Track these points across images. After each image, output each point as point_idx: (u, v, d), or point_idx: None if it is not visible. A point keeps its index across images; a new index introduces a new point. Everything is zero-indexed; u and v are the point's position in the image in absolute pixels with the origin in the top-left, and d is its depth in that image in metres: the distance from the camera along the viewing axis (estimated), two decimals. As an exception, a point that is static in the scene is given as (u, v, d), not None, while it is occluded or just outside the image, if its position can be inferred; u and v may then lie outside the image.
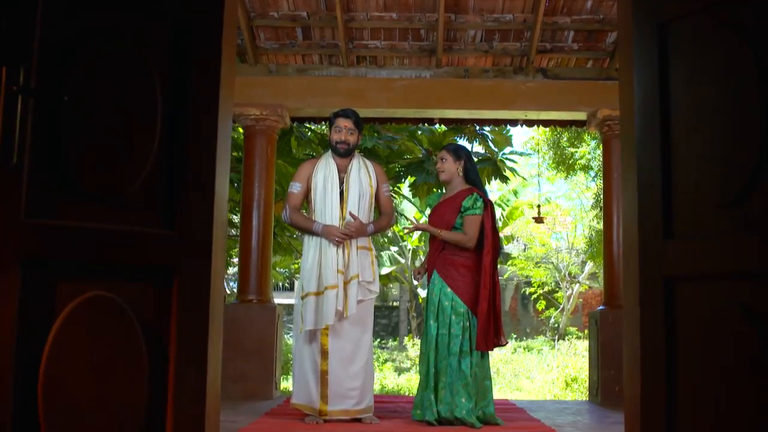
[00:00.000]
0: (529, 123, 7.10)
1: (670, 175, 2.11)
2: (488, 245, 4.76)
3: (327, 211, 4.76)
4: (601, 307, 6.58)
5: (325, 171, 4.84)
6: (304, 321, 4.66)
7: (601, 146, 12.82)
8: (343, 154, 4.84)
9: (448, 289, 4.73)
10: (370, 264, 4.80)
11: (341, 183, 4.81)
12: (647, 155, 2.16)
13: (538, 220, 13.59)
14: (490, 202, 4.94)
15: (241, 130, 7.28)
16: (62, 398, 1.88)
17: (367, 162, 5.01)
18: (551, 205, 20.87)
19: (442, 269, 4.79)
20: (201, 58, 2.22)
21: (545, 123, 7.24)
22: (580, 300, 21.92)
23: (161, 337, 2.08)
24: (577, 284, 20.57)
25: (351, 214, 4.69)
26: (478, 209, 4.77)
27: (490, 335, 4.68)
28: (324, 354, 4.66)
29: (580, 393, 11.92)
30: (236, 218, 8.83)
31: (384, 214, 5.00)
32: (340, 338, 4.68)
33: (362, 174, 4.86)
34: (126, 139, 2.07)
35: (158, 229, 2.10)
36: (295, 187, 4.88)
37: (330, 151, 4.96)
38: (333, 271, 4.64)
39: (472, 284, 4.73)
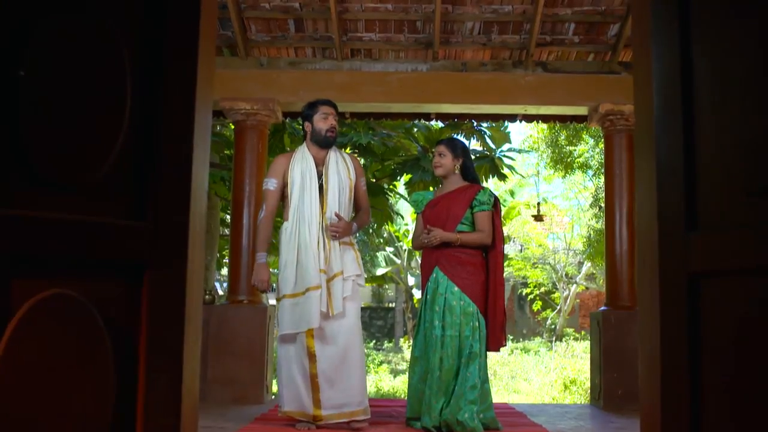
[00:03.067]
0: (529, 118, 6.92)
1: (693, 160, 1.91)
2: (499, 242, 4.65)
3: (306, 206, 4.46)
4: (603, 308, 6.39)
5: (302, 164, 4.54)
6: (280, 324, 4.41)
7: (600, 144, 12.75)
8: (332, 143, 4.60)
9: (456, 288, 4.53)
10: (354, 259, 4.56)
11: (320, 177, 4.54)
12: (667, 137, 1.96)
13: (538, 218, 13.41)
14: (497, 198, 4.79)
15: (232, 126, 7.09)
16: (17, 410, 1.68)
17: (344, 154, 4.76)
18: (548, 205, 20.71)
19: (448, 267, 4.57)
20: (177, 33, 2.02)
21: (545, 118, 7.04)
22: (577, 301, 21.77)
23: (130, 341, 1.88)
24: (574, 285, 20.41)
25: (336, 215, 4.46)
26: (490, 205, 4.63)
27: (503, 334, 4.57)
28: (311, 357, 4.36)
29: (579, 396, 11.74)
30: (230, 218, 8.64)
31: (362, 209, 4.77)
32: (326, 339, 4.41)
33: (341, 166, 4.60)
34: (91, 120, 1.87)
35: (127, 220, 1.89)
36: (271, 184, 4.58)
37: (303, 144, 4.70)
38: (315, 270, 4.35)
39: (480, 283, 4.57)
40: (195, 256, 2.05)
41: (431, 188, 9.17)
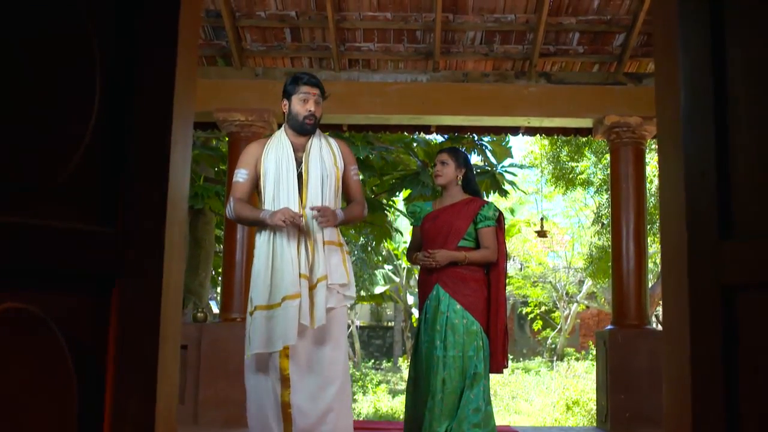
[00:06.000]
0: (532, 131, 6.75)
1: (726, 160, 1.71)
2: (502, 260, 4.43)
3: (282, 200, 3.71)
4: (609, 327, 6.19)
5: (277, 151, 3.79)
6: (251, 343, 3.63)
7: (602, 160, 12.60)
8: (311, 130, 3.83)
9: (458, 306, 4.31)
10: (341, 262, 3.73)
11: (299, 164, 3.78)
12: (697, 136, 1.76)
13: (541, 233, 13.22)
14: (501, 212, 4.58)
15: (226, 139, 6.93)
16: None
17: (330, 138, 3.97)
18: (549, 222, 20.54)
19: (450, 284, 4.34)
20: (154, 21, 1.82)
21: (548, 131, 6.87)
22: (578, 320, 21.56)
23: (97, 361, 1.67)
24: (575, 304, 20.21)
25: (314, 208, 3.65)
26: (494, 220, 4.43)
27: (505, 355, 4.37)
28: (285, 382, 3.57)
29: (582, 417, 11.51)
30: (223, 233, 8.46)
31: (355, 201, 3.97)
32: (304, 360, 3.64)
33: (325, 152, 3.83)
34: (55, 114, 1.67)
35: (94, 226, 1.69)
36: (241, 175, 3.83)
37: (281, 128, 3.95)
38: (293, 276, 3.57)
39: (482, 300, 4.35)
40: (173, 267, 1.85)
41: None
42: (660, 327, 7.25)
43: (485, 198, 8.95)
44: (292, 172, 3.76)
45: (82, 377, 1.63)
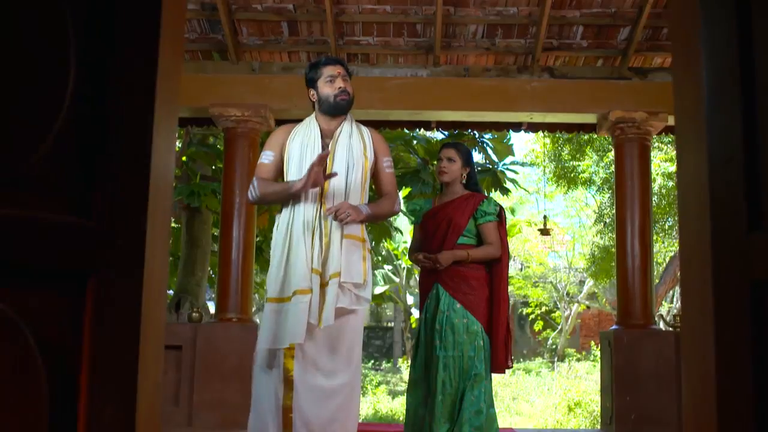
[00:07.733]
0: (534, 127, 6.62)
1: (755, 144, 1.58)
2: (505, 255, 4.32)
3: None
4: (614, 327, 6.06)
5: (303, 136, 3.57)
6: (259, 337, 3.44)
7: (605, 159, 12.47)
8: (347, 107, 3.63)
9: (458, 305, 4.19)
10: (360, 259, 3.45)
11: (324, 150, 3.50)
12: (721, 117, 1.62)
13: (545, 231, 13.08)
14: (502, 208, 4.45)
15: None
16: None
17: (363, 127, 3.71)
18: (549, 222, 20.43)
19: (450, 283, 4.22)
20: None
21: (551, 127, 6.73)
22: (578, 321, 21.45)
23: (69, 364, 1.53)
24: (576, 304, 20.09)
25: (329, 210, 3.41)
26: (495, 215, 4.30)
27: (508, 355, 4.25)
28: (288, 384, 3.33)
29: (584, 419, 11.38)
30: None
31: (385, 195, 3.69)
32: (311, 364, 3.40)
33: (355, 140, 3.57)
34: (22, 95, 1.54)
35: (67, 217, 1.55)
36: (266, 157, 3.62)
37: (312, 115, 3.72)
38: (305, 270, 3.34)
39: (484, 298, 4.24)
40: (155, 262, 1.71)
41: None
42: (663, 327, 7.12)
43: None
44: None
45: (54, 381, 1.50)
